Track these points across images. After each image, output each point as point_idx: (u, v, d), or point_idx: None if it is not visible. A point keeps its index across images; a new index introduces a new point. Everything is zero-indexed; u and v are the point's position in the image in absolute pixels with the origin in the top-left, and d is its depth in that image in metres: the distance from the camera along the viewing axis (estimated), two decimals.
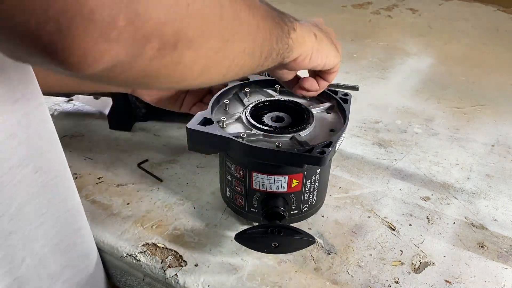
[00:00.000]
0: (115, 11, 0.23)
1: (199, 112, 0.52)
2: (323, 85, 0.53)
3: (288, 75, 0.52)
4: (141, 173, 0.66)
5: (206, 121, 0.51)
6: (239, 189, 0.54)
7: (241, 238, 0.48)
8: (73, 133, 0.75)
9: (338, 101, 0.57)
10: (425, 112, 0.84)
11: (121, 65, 0.26)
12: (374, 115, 0.82)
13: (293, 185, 0.51)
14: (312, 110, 0.56)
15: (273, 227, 0.47)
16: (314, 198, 0.54)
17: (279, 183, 0.51)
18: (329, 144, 0.48)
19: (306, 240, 0.48)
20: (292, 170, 0.50)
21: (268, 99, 0.58)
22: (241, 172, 0.52)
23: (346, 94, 0.58)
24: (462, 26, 1.25)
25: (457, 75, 0.99)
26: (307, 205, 0.54)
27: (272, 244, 0.47)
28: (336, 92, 0.58)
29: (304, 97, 0.59)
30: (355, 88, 0.64)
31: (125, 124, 0.75)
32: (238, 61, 0.35)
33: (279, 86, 0.60)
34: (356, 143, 0.74)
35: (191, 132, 0.50)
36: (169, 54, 0.27)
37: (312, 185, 0.53)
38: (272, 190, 0.52)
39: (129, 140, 0.73)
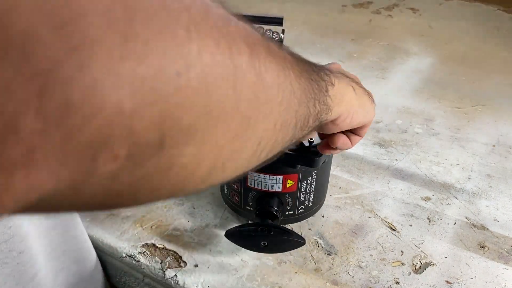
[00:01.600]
0: (23, 106, 0.12)
1: None
2: (356, 141, 0.45)
3: (314, 135, 0.46)
4: None
5: None
6: (235, 186, 0.54)
7: (230, 234, 0.48)
8: None
9: None
10: (426, 112, 0.84)
11: (61, 193, 0.15)
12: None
13: (288, 185, 0.51)
14: None
15: (263, 226, 0.47)
16: (311, 200, 0.54)
17: (273, 183, 0.51)
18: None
19: (296, 241, 0.48)
20: (287, 170, 0.50)
21: None
22: None
23: None
24: (462, 26, 1.25)
25: (457, 75, 0.98)
26: (303, 207, 0.54)
27: (261, 243, 0.47)
28: None
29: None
30: None
31: None
32: (267, 142, 0.24)
33: None
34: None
35: None
36: (150, 159, 0.16)
37: (308, 187, 0.53)
38: (267, 189, 0.51)
39: None
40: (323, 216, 0.58)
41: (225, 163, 0.21)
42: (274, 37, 0.71)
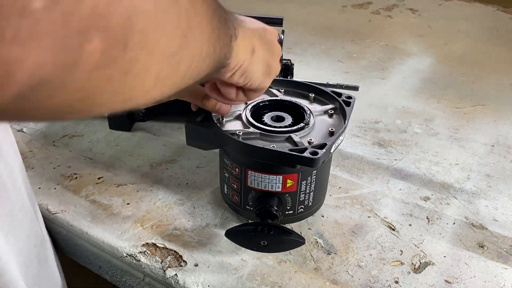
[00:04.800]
0: None
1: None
2: (240, 98, 0.46)
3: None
4: (141, 173, 0.66)
5: (205, 117, 0.52)
6: (235, 186, 0.54)
7: (230, 234, 0.49)
8: (73, 133, 0.75)
9: (340, 104, 0.56)
10: (425, 112, 0.84)
11: (48, 83, 0.17)
12: (374, 115, 0.82)
13: (288, 185, 0.51)
14: (313, 111, 0.56)
15: (263, 226, 0.47)
16: (311, 199, 0.54)
17: (273, 182, 0.51)
18: (323, 145, 0.48)
19: (295, 240, 0.48)
20: (287, 170, 0.50)
21: (270, 98, 0.58)
22: (237, 170, 0.52)
23: (349, 97, 0.57)
24: (462, 26, 1.25)
25: (457, 75, 0.99)
26: (302, 206, 0.54)
27: (261, 243, 0.48)
28: (340, 95, 0.58)
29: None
30: (355, 88, 0.64)
31: (125, 124, 0.75)
32: (195, 66, 0.28)
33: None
34: (356, 143, 0.74)
35: (189, 128, 0.51)
36: (117, 57, 0.19)
37: (308, 186, 0.53)
38: (266, 189, 0.52)
39: (129, 140, 0.73)
40: (322, 216, 0.58)
41: (166, 78, 0.25)
42: None
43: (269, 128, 0.52)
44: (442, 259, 0.53)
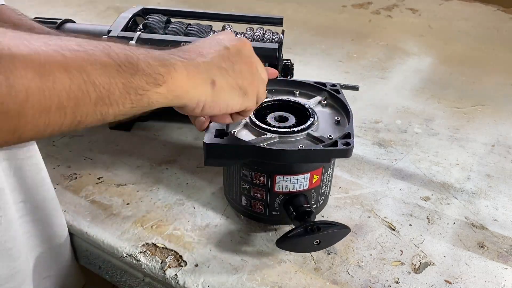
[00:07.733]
0: None
1: (209, 124, 0.50)
2: (237, 119, 0.47)
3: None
4: (141, 173, 0.66)
5: (220, 133, 0.50)
6: (259, 196, 0.53)
7: (284, 243, 0.48)
8: (73, 133, 0.75)
9: (330, 93, 0.58)
10: (425, 112, 0.84)
11: None
12: (374, 115, 0.82)
13: (314, 180, 0.52)
14: (310, 105, 0.57)
15: (311, 226, 0.47)
16: (328, 189, 0.56)
17: (301, 182, 0.51)
18: (348, 134, 0.49)
19: (343, 231, 0.49)
20: (313, 167, 0.51)
21: (268, 99, 0.58)
22: (262, 178, 0.51)
23: (333, 85, 0.60)
24: (462, 26, 1.25)
25: (457, 75, 0.99)
26: (323, 197, 0.56)
27: (314, 242, 0.48)
28: (324, 84, 0.60)
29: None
30: (355, 88, 0.64)
31: (125, 124, 0.75)
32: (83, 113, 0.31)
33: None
34: (356, 143, 0.73)
35: (209, 147, 0.47)
36: None
37: (328, 177, 0.54)
38: (294, 190, 0.52)
39: (129, 140, 0.73)
40: (322, 216, 0.58)
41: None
42: (274, 37, 0.72)
43: (288, 130, 0.52)
44: (442, 259, 0.53)
